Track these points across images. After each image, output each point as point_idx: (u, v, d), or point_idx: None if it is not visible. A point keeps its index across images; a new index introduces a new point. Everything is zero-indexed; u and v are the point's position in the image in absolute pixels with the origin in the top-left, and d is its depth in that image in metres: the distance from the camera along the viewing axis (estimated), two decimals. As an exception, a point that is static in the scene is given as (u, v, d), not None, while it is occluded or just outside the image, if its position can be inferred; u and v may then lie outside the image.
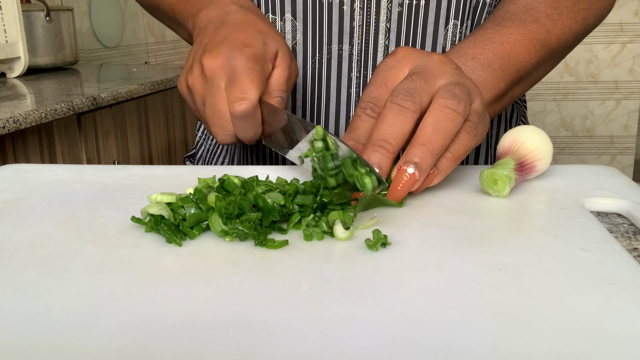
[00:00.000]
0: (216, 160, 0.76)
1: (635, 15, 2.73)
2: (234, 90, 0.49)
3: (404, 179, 0.42)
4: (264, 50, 0.52)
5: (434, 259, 0.36)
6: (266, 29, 0.54)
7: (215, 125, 0.51)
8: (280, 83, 0.53)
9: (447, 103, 0.43)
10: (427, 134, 0.43)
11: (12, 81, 1.57)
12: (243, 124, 0.50)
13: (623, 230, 0.42)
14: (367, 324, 0.28)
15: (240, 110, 0.48)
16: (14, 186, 0.51)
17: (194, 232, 0.39)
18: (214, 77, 0.50)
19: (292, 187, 0.41)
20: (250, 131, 0.51)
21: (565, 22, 0.59)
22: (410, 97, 0.43)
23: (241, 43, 0.51)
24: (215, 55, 0.50)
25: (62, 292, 0.32)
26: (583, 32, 0.62)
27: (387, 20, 0.62)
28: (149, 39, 2.57)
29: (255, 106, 0.49)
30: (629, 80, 2.80)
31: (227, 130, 0.51)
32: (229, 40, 0.51)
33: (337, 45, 0.63)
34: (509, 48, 0.55)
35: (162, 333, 0.28)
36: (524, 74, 0.57)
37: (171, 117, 1.77)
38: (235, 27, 0.53)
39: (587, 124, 2.89)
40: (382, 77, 0.47)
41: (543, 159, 0.49)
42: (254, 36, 0.52)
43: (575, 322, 0.29)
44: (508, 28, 0.57)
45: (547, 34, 0.58)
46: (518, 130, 0.49)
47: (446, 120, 0.43)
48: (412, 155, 0.43)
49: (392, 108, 0.43)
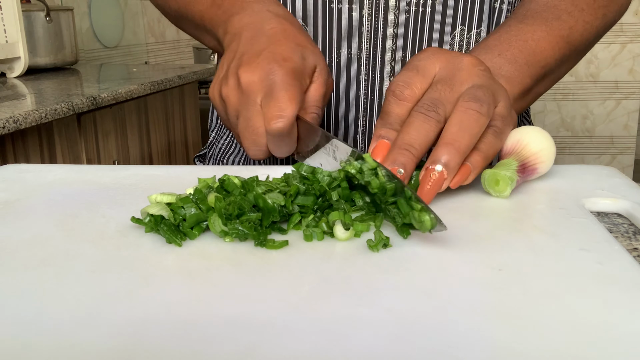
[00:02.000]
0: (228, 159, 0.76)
1: (635, 15, 2.73)
2: (272, 107, 0.47)
3: (433, 177, 0.43)
4: (303, 65, 0.50)
5: (434, 259, 0.36)
6: (304, 42, 0.52)
7: (248, 140, 0.50)
8: (317, 99, 0.52)
9: (470, 105, 0.44)
10: (452, 133, 0.44)
11: (12, 81, 1.57)
12: (278, 141, 0.48)
13: (623, 230, 0.42)
14: (367, 324, 0.28)
15: (277, 128, 0.47)
16: (14, 186, 0.51)
17: (194, 233, 0.39)
18: (250, 91, 0.48)
19: (293, 188, 0.41)
20: (285, 148, 0.50)
21: (586, 19, 0.59)
22: (435, 107, 0.44)
23: (280, 57, 0.49)
24: (253, 68, 0.49)
25: (62, 292, 0.32)
26: (604, 29, 0.63)
27: (395, 26, 0.63)
28: (149, 39, 2.57)
29: (293, 124, 0.48)
30: (629, 80, 2.81)
31: (260, 146, 0.50)
32: (266, 52, 0.49)
33: (346, 50, 0.64)
34: (534, 45, 0.56)
35: (162, 333, 0.28)
36: (549, 70, 0.58)
37: (171, 117, 1.77)
38: (273, 39, 0.51)
39: (587, 124, 2.89)
40: (415, 65, 0.48)
41: (546, 162, 0.49)
42: (292, 49, 0.50)
43: (575, 322, 0.29)
44: (531, 25, 0.57)
45: (570, 30, 0.58)
46: (523, 131, 0.49)
47: (470, 120, 0.44)
48: (439, 154, 0.43)
49: (418, 117, 0.44)
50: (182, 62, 2.81)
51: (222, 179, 0.42)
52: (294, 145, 0.50)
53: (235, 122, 0.51)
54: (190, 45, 2.85)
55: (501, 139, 0.47)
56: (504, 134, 0.47)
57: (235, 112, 0.51)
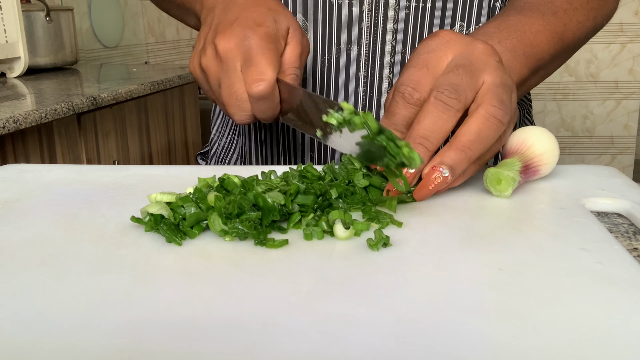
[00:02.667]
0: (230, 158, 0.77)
1: (635, 15, 2.73)
2: (251, 72, 0.49)
3: (437, 180, 0.42)
4: (276, 28, 0.52)
5: (434, 259, 0.36)
6: (275, 6, 0.54)
7: (232, 107, 0.51)
8: (294, 60, 0.53)
9: (495, 112, 0.43)
10: (469, 142, 0.42)
11: (12, 81, 1.57)
12: (261, 104, 0.50)
13: (623, 230, 0.42)
14: (367, 324, 0.28)
15: (258, 91, 0.48)
16: (14, 186, 0.51)
17: (194, 232, 0.39)
18: (229, 58, 0.50)
19: (293, 187, 0.41)
20: (269, 111, 0.51)
21: (579, 19, 0.60)
22: (456, 94, 0.43)
23: (253, 22, 0.51)
24: (228, 36, 0.50)
25: (62, 292, 0.32)
26: (593, 30, 0.63)
27: (395, 22, 0.63)
28: (149, 39, 2.57)
29: (273, 86, 0.49)
30: (629, 80, 2.81)
31: (245, 111, 0.51)
32: (240, 20, 0.51)
33: (346, 46, 0.64)
34: (531, 37, 0.56)
35: (162, 333, 0.28)
36: (543, 64, 0.58)
37: (171, 117, 1.77)
38: (245, 7, 0.53)
39: (587, 124, 2.89)
40: (424, 59, 0.46)
41: (549, 164, 0.48)
42: (264, 14, 0.52)
43: (575, 322, 0.29)
44: (529, 17, 0.57)
45: (564, 27, 0.59)
46: (528, 132, 0.48)
47: (490, 130, 0.43)
48: (449, 158, 0.42)
49: (437, 105, 0.43)
50: (182, 62, 2.81)
51: (222, 178, 0.42)
52: (277, 107, 0.51)
53: (217, 91, 0.52)
54: (190, 45, 2.86)
55: (504, 141, 0.47)
56: (506, 135, 0.47)
57: (217, 80, 0.52)
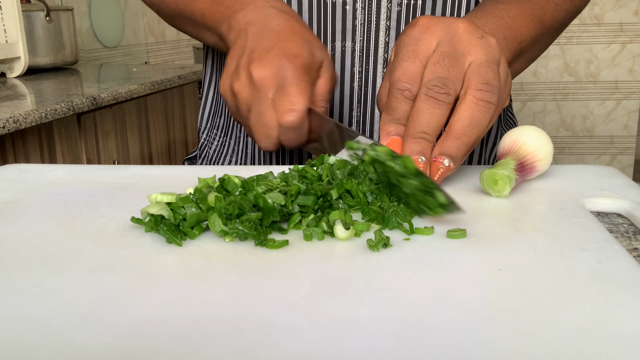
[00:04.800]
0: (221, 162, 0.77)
1: (635, 15, 2.73)
2: (284, 102, 0.50)
3: (440, 170, 0.45)
4: (312, 61, 0.52)
5: (434, 259, 0.36)
6: (311, 39, 0.54)
7: (259, 133, 0.52)
8: (324, 93, 0.54)
9: (482, 96, 0.45)
10: (463, 128, 0.45)
11: (12, 81, 1.57)
12: (291, 133, 0.51)
13: (623, 230, 0.42)
14: (367, 324, 0.28)
15: (289, 122, 0.49)
16: (14, 186, 0.51)
17: (194, 232, 0.39)
18: (263, 86, 0.51)
19: (294, 187, 0.41)
20: (296, 140, 0.52)
21: (556, 1, 0.62)
22: (445, 88, 0.45)
23: (290, 53, 0.51)
24: (265, 65, 0.51)
25: (62, 292, 0.32)
26: (572, 13, 0.65)
27: (387, 19, 0.64)
28: (149, 39, 2.57)
29: (304, 117, 0.50)
30: (629, 80, 2.81)
31: (272, 139, 0.52)
32: (277, 48, 0.51)
33: (341, 43, 0.65)
34: (510, 21, 0.57)
35: (162, 333, 0.28)
36: (525, 47, 0.59)
37: (171, 117, 1.77)
38: (281, 35, 0.53)
39: (587, 124, 2.89)
40: (413, 50, 0.47)
41: (543, 159, 0.49)
42: (302, 46, 0.52)
43: (575, 322, 0.29)
44: (506, 4, 0.59)
45: (542, 10, 0.61)
46: (519, 131, 0.50)
47: (481, 113, 0.45)
48: (448, 147, 0.45)
49: (428, 101, 0.45)
50: (182, 62, 2.81)
51: (222, 178, 0.42)
52: (305, 136, 0.52)
53: (246, 116, 0.53)
54: (190, 45, 2.85)
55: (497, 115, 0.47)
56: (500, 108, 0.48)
57: (247, 106, 0.52)
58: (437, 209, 0.41)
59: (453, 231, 0.39)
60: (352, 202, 0.43)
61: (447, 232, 0.39)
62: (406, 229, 0.40)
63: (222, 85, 0.55)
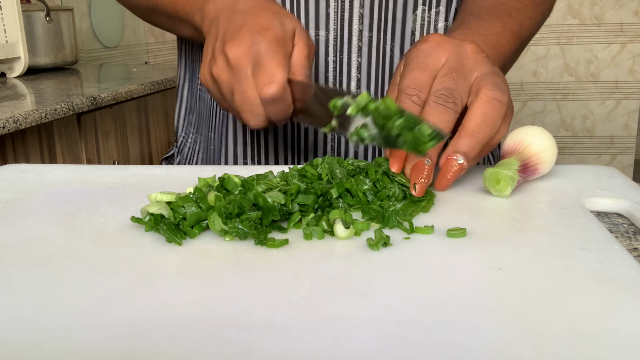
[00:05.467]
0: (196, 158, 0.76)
1: (635, 15, 2.73)
2: (262, 75, 0.50)
3: (453, 168, 0.45)
4: (283, 31, 0.53)
5: (434, 258, 0.36)
6: (279, 10, 0.55)
7: (246, 112, 0.52)
8: (302, 61, 0.54)
9: (494, 94, 0.46)
10: (476, 125, 0.45)
11: (12, 81, 1.57)
12: (274, 106, 0.51)
13: (623, 230, 0.42)
14: (367, 324, 0.28)
15: (270, 94, 0.49)
16: (14, 186, 0.51)
17: (194, 231, 0.39)
18: (239, 65, 0.51)
19: (294, 186, 0.41)
20: (282, 113, 0.52)
21: (530, 15, 0.64)
22: (452, 97, 0.46)
23: (260, 27, 0.51)
24: (237, 43, 0.51)
25: (62, 292, 0.32)
26: (540, 25, 0.68)
27: (361, 7, 0.65)
28: (149, 39, 2.57)
29: (284, 88, 0.50)
30: (629, 80, 2.80)
31: (259, 115, 0.52)
32: (247, 26, 0.52)
33: (314, 31, 0.65)
34: (494, 40, 0.59)
35: (163, 333, 0.28)
36: (506, 64, 0.61)
37: (171, 117, 1.77)
38: (250, 13, 0.53)
39: (587, 124, 2.89)
40: (423, 62, 0.49)
41: (547, 162, 0.49)
42: (270, 18, 0.53)
43: (575, 322, 0.29)
44: (488, 22, 0.60)
45: (520, 26, 0.62)
46: (525, 131, 0.49)
47: (493, 111, 0.46)
48: (461, 145, 0.45)
49: (437, 108, 0.46)
50: (182, 62, 2.80)
51: (222, 177, 0.42)
52: (290, 108, 0.53)
53: (230, 99, 0.53)
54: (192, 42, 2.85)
55: (507, 123, 0.49)
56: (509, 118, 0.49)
57: (229, 89, 0.53)
58: (428, 143, 0.42)
59: (453, 230, 0.39)
60: (352, 201, 0.43)
61: (447, 231, 0.39)
62: (406, 228, 0.40)
63: (202, 76, 0.55)
